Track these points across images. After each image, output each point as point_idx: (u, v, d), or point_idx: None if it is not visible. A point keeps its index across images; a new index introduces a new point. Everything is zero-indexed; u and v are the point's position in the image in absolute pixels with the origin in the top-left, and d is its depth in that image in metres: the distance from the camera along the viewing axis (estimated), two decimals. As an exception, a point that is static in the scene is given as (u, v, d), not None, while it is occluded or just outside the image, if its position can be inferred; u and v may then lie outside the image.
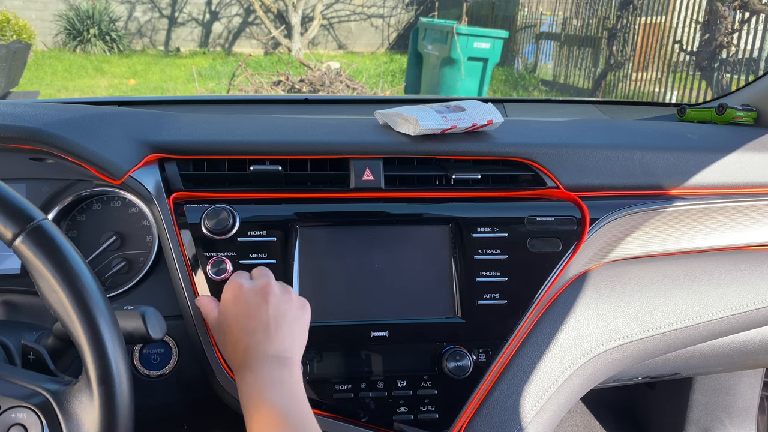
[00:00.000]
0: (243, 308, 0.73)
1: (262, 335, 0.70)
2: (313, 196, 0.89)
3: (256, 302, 0.73)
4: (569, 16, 7.79)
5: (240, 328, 0.72)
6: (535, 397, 0.87)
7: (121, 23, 9.60)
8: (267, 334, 0.71)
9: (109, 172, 0.80)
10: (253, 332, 0.71)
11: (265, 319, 0.71)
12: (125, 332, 0.62)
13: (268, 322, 0.71)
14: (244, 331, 0.71)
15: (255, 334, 0.70)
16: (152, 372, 0.84)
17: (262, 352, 0.69)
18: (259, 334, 0.71)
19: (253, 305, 0.73)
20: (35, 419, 0.55)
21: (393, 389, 0.85)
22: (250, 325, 0.71)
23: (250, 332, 0.71)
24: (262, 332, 0.71)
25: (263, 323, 0.71)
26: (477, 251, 0.88)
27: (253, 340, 0.70)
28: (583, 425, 1.78)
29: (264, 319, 0.71)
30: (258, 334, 0.70)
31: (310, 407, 0.67)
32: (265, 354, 0.69)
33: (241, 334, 0.71)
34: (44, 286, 0.55)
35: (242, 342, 0.71)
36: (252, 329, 0.71)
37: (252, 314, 0.72)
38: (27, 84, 6.94)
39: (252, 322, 0.71)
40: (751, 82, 1.30)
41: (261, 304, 0.73)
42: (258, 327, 0.71)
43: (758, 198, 1.07)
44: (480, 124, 0.94)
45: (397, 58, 9.58)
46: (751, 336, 1.12)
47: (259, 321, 0.71)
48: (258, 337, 0.70)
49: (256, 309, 0.72)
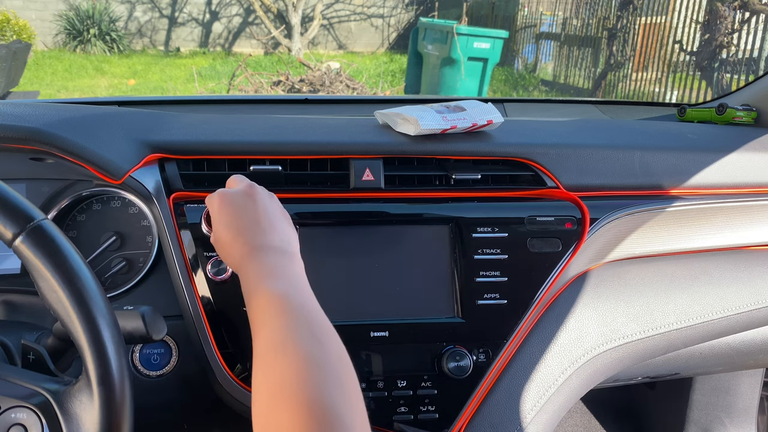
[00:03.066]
0: (231, 210, 0.71)
1: (255, 230, 0.68)
2: (313, 196, 0.89)
3: (243, 202, 0.71)
4: (569, 16, 7.79)
5: (233, 229, 0.69)
6: (535, 397, 0.87)
7: (121, 23, 9.60)
8: (260, 227, 0.69)
9: (109, 172, 0.80)
10: (245, 229, 0.69)
11: (256, 216, 0.70)
12: (125, 332, 0.61)
13: (259, 217, 0.70)
14: (237, 230, 0.69)
15: (248, 231, 0.68)
16: (152, 372, 0.84)
17: (259, 244, 0.67)
18: (252, 229, 0.69)
19: (241, 205, 0.71)
20: (35, 419, 0.55)
21: (393, 389, 0.85)
22: (241, 223, 0.69)
23: (243, 230, 0.69)
24: (255, 227, 0.69)
25: (254, 219, 0.69)
26: (477, 251, 0.88)
27: (248, 236, 0.68)
28: (583, 425, 1.78)
29: (254, 215, 0.70)
30: (251, 230, 0.69)
31: (314, 296, 0.64)
32: (262, 245, 0.67)
33: (235, 235, 0.69)
34: (44, 286, 0.55)
35: (238, 241, 0.68)
36: (244, 227, 0.69)
37: (241, 214, 0.70)
38: (27, 84, 6.94)
39: (243, 220, 0.69)
40: (751, 82, 1.30)
41: (248, 202, 0.71)
42: (250, 224, 0.69)
43: (758, 198, 1.07)
44: (480, 124, 0.94)
45: (397, 58, 9.58)
46: (751, 336, 1.12)
47: (250, 218, 0.70)
48: (252, 232, 0.68)
49: (244, 208, 0.71)
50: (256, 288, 0.62)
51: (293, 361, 0.53)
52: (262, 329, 0.58)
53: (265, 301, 0.60)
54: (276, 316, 0.58)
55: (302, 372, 0.51)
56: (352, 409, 0.50)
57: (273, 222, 0.70)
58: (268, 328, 0.57)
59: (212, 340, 0.81)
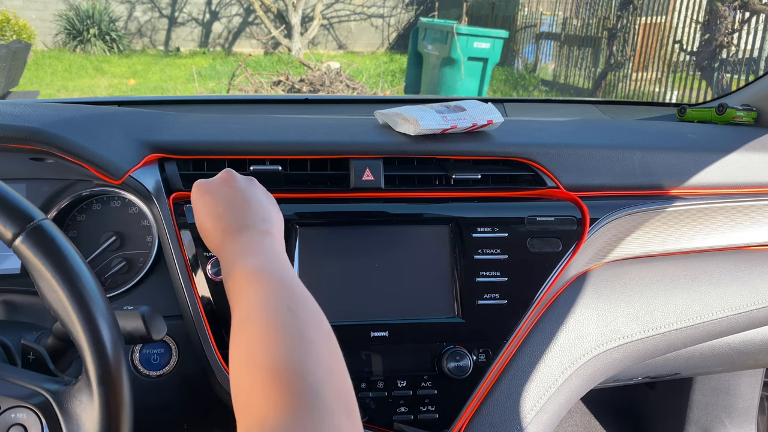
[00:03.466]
0: (209, 199, 0.70)
1: (232, 212, 0.68)
2: (313, 196, 0.89)
3: (220, 189, 0.71)
4: (569, 16, 7.79)
5: (212, 215, 0.69)
6: (535, 397, 0.87)
7: (121, 23, 9.60)
8: (237, 209, 0.68)
9: (109, 172, 0.80)
10: (223, 215, 0.68)
11: (233, 199, 0.69)
12: (125, 332, 0.61)
13: (236, 200, 0.69)
14: (216, 215, 0.68)
15: (226, 216, 0.68)
16: (152, 372, 0.84)
17: (236, 225, 0.66)
18: (229, 212, 0.68)
19: (219, 192, 0.71)
20: (35, 419, 0.55)
21: (393, 389, 0.85)
22: (219, 209, 0.69)
23: (220, 215, 0.68)
24: (232, 209, 0.68)
25: (231, 202, 0.69)
26: (477, 251, 0.88)
27: (225, 219, 0.67)
28: (583, 425, 1.78)
29: (232, 198, 0.69)
30: (228, 213, 0.68)
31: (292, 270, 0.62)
32: (239, 225, 0.66)
33: (214, 220, 0.68)
34: (44, 286, 0.55)
35: (218, 226, 0.67)
36: (221, 213, 0.68)
37: (218, 200, 0.70)
38: (27, 84, 6.94)
39: (220, 207, 0.69)
40: (751, 82, 1.30)
41: (224, 188, 0.71)
42: (227, 209, 0.68)
43: (758, 198, 1.07)
44: (480, 124, 0.94)
45: (397, 58, 9.58)
46: (751, 336, 1.12)
47: (228, 202, 0.69)
48: (229, 215, 0.68)
49: (221, 194, 0.70)
50: (233, 265, 0.62)
51: (260, 329, 0.52)
52: (236, 305, 0.58)
53: (240, 277, 0.59)
54: (249, 290, 0.57)
55: (269, 339, 0.51)
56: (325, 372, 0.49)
57: (250, 203, 0.70)
58: (241, 302, 0.57)
59: (212, 340, 0.81)
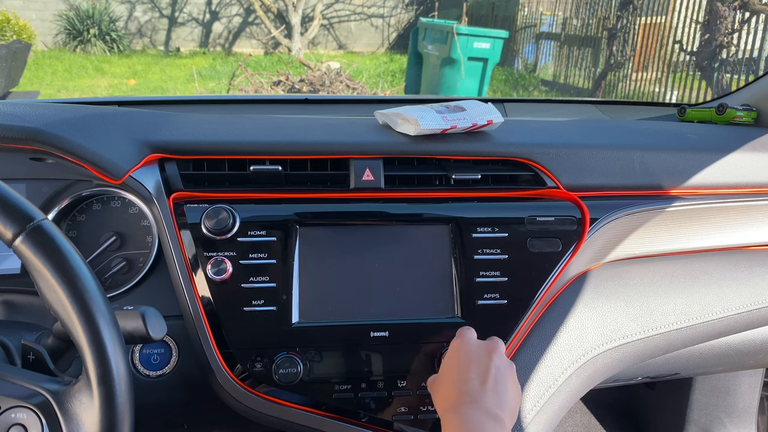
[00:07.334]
0: (465, 357, 0.74)
1: (477, 385, 0.70)
2: (313, 196, 0.89)
3: (480, 354, 0.74)
4: (569, 16, 7.79)
5: (458, 373, 0.73)
6: (535, 397, 0.87)
7: (121, 23, 9.60)
8: (484, 386, 0.70)
9: (109, 172, 0.80)
10: (469, 380, 0.71)
11: (485, 373, 0.72)
12: (125, 332, 0.61)
13: (487, 375, 0.71)
14: (461, 378, 0.72)
15: (470, 382, 0.71)
16: (152, 372, 0.84)
17: (474, 400, 0.69)
18: (474, 383, 0.71)
19: (476, 356, 0.74)
20: (35, 419, 0.55)
21: (393, 389, 0.85)
22: (468, 373, 0.72)
23: (466, 379, 0.71)
24: (478, 383, 0.71)
25: (482, 375, 0.72)
26: (477, 251, 0.88)
27: (468, 387, 0.70)
28: (583, 425, 1.78)
29: (483, 372, 0.72)
30: (473, 383, 0.71)
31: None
32: (477, 402, 0.69)
33: (457, 380, 0.72)
34: (44, 286, 0.55)
35: (456, 386, 0.71)
36: (469, 377, 0.71)
37: (473, 365, 0.73)
38: (27, 84, 6.94)
39: (471, 372, 0.72)
40: (751, 82, 1.30)
41: (484, 357, 0.74)
42: (476, 377, 0.71)
43: (758, 198, 1.07)
44: (480, 124, 0.94)
45: (397, 58, 9.58)
46: (751, 336, 1.12)
47: (479, 372, 0.72)
48: (473, 386, 0.70)
49: (478, 361, 0.73)
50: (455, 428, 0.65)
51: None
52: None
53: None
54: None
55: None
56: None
57: (498, 383, 0.72)
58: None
59: (212, 340, 0.81)
